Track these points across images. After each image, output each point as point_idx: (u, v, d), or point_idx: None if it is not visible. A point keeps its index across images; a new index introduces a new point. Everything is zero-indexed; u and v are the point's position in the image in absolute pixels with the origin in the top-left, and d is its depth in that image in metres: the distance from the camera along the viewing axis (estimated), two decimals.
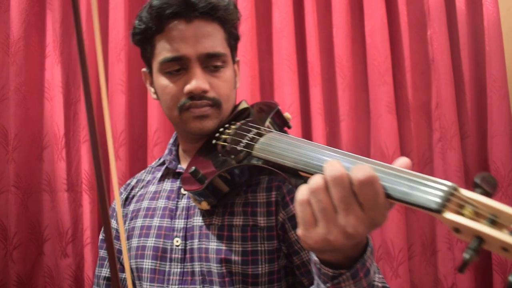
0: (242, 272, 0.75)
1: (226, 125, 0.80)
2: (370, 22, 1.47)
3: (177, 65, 0.80)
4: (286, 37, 1.46)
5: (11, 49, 1.49)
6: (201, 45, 0.79)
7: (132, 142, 1.51)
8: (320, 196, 0.47)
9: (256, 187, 0.80)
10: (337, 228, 0.46)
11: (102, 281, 0.90)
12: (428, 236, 1.47)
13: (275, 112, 0.80)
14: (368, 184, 0.44)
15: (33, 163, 1.50)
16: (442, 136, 1.45)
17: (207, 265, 0.77)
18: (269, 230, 0.77)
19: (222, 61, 0.82)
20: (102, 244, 0.94)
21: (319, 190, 0.47)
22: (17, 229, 1.43)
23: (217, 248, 0.77)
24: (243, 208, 0.79)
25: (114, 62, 1.48)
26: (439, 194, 0.42)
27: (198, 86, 0.78)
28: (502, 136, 1.39)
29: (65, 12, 1.54)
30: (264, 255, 0.76)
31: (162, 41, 0.80)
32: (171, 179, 0.90)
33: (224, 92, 0.82)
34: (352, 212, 0.46)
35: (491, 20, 1.43)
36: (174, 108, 0.81)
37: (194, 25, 0.79)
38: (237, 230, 0.77)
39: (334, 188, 0.46)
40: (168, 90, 0.81)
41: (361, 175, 0.44)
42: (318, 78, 1.45)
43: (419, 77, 1.51)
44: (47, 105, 1.53)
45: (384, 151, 1.41)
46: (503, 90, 1.40)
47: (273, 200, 0.78)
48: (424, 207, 0.42)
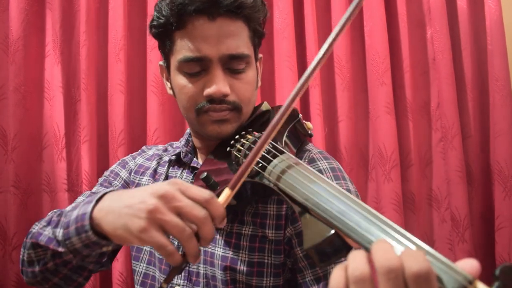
0: (246, 282, 0.73)
1: (243, 132, 0.75)
2: (370, 22, 1.46)
3: (197, 66, 0.75)
4: (287, 38, 1.45)
5: (10, 49, 1.48)
6: (224, 46, 0.73)
7: (131, 142, 1.50)
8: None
9: (267, 198, 0.76)
10: None
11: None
12: (428, 236, 1.45)
13: (293, 125, 0.75)
14: (425, 278, 0.36)
15: (32, 163, 1.50)
16: (443, 136, 1.44)
17: (212, 269, 0.76)
18: (277, 244, 0.74)
19: (245, 63, 0.77)
20: (103, 182, 0.91)
21: (364, 281, 0.37)
22: (16, 230, 1.42)
23: (223, 255, 0.75)
24: (253, 218, 0.76)
25: (113, 62, 1.47)
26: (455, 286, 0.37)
27: (218, 90, 0.73)
28: (506, 135, 1.38)
29: (65, 11, 1.54)
30: (271, 268, 0.73)
31: (182, 38, 0.75)
32: (186, 170, 0.87)
33: (245, 95, 0.78)
34: None
35: (493, 19, 1.42)
36: (191, 110, 0.77)
37: (217, 24, 0.73)
38: (246, 240, 0.75)
39: (386, 282, 0.36)
40: (185, 91, 0.76)
41: (416, 268, 0.36)
42: (317, 79, 1.45)
43: (420, 76, 1.50)
44: (47, 105, 1.52)
45: (383, 151, 1.40)
46: (506, 89, 1.39)
47: (283, 213, 0.75)
48: None
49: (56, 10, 1.52)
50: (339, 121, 1.46)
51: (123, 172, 0.92)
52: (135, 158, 0.94)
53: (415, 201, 1.46)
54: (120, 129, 1.44)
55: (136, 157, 0.95)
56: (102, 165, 1.49)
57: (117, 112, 1.45)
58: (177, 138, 1.51)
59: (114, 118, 1.45)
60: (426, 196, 1.47)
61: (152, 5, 1.47)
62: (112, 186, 0.89)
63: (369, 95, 1.47)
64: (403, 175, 1.45)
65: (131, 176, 0.91)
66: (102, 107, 1.51)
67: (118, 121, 1.44)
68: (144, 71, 1.50)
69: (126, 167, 0.93)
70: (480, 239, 1.44)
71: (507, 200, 1.35)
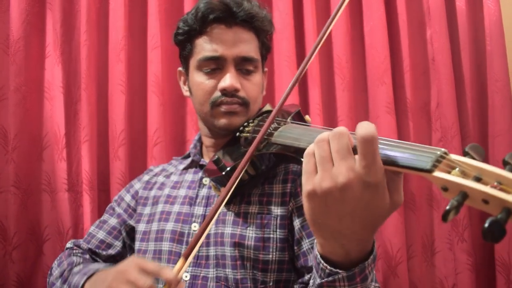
0: (254, 257, 0.80)
1: (250, 120, 0.89)
2: (369, 22, 1.47)
3: (214, 64, 0.88)
4: (287, 39, 1.46)
5: (10, 49, 1.48)
6: (238, 49, 0.88)
7: (132, 142, 1.50)
8: (322, 146, 0.51)
9: (273, 179, 0.87)
10: (330, 176, 0.49)
11: (95, 241, 1.00)
12: (428, 236, 1.46)
13: (295, 113, 0.86)
14: (369, 139, 0.47)
15: (33, 163, 1.50)
16: (442, 136, 1.44)
17: (222, 249, 0.83)
18: (282, 219, 0.83)
19: (254, 66, 0.91)
20: (108, 210, 1.05)
21: (323, 141, 0.51)
22: (16, 229, 1.42)
23: (232, 232, 0.83)
24: (259, 198, 0.85)
25: (114, 62, 1.48)
26: (431, 157, 0.46)
27: (231, 84, 0.86)
28: (505, 135, 1.38)
29: (66, 11, 1.54)
30: (276, 242, 0.81)
31: (202, 41, 0.89)
32: (193, 169, 0.99)
33: (253, 94, 0.91)
34: (346, 163, 0.49)
35: (493, 19, 1.42)
36: (206, 103, 0.90)
37: (233, 31, 0.88)
38: (253, 217, 0.83)
39: (333, 141, 0.50)
40: (202, 86, 0.89)
41: (363, 131, 0.47)
42: (317, 79, 1.45)
43: (420, 77, 1.51)
44: (47, 105, 1.52)
45: None
46: (506, 90, 1.40)
47: (288, 191, 0.85)
48: (417, 168, 0.46)
49: (57, 11, 1.53)
50: (339, 121, 1.47)
51: (127, 196, 1.05)
52: (140, 179, 1.07)
53: (415, 200, 1.46)
54: (120, 129, 1.45)
55: (142, 177, 1.08)
56: (102, 165, 1.49)
57: (118, 112, 1.45)
58: (177, 138, 1.52)
59: (114, 118, 1.45)
60: (426, 196, 1.48)
61: (153, 5, 1.48)
62: (114, 212, 1.03)
63: (369, 95, 1.48)
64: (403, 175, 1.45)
65: (138, 194, 1.03)
66: (102, 107, 1.52)
67: (119, 121, 1.45)
68: (144, 72, 1.51)
69: (130, 190, 1.05)
70: (480, 239, 1.44)
71: None
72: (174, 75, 1.53)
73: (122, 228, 0.99)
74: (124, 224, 1.00)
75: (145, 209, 0.97)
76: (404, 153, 0.48)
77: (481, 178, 0.43)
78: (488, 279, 1.41)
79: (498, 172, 0.42)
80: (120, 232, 0.99)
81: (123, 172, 1.42)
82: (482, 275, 1.42)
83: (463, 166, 0.44)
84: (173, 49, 1.58)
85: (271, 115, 0.68)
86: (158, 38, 1.47)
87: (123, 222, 1.00)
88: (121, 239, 0.99)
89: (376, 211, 0.50)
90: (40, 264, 1.46)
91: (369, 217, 0.50)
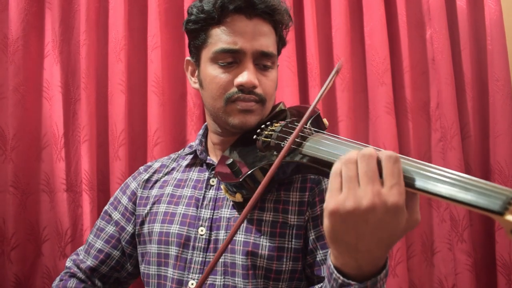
0: (267, 267, 0.76)
1: (268, 123, 0.83)
2: (370, 22, 1.47)
3: (231, 57, 0.81)
4: (287, 38, 1.45)
5: (9, 49, 1.48)
6: (258, 42, 0.82)
7: (132, 142, 1.50)
8: (350, 166, 0.52)
9: (290, 186, 0.82)
10: (355, 197, 0.50)
11: (94, 251, 0.93)
12: (428, 236, 1.46)
13: (315, 117, 0.82)
14: (394, 160, 0.50)
15: (31, 163, 1.49)
16: (442, 136, 1.44)
17: (232, 256, 0.78)
18: (298, 228, 0.79)
19: (272, 62, 0.85)
20: (104, 215, 0.97)
21: (350, 161, 0.52)
22: (15, 230, 1.42)
23: (244, 240, 0.78)
24: (275, 204, 0.80)
25: (114, 62, 1.47)
26: (502, 198, 0.45)
27: (250, 80, 0.80)
28: (506, 135, 1.38)
29: (65, 11, 1.53)
30: (290, 252, 0.77)
31: (219, 32, 0.82)
32: (198, 167, 0.92)
33: (269, 91, 0.85)
34: (371, 186, 0.50)
35: (493, 19, 1.42)
36: (220, 99, 0.83)
37: (253, 22, 0.82)
38: (267, 225, 0.78)
39: (361, 162, 0.51)
40: (217, 80, 0.82)
41: (389, 152, 0.51)
42: (317, 79, 1.45)
43: (419, 77, 1.51)
44: (46, 104, 1.52)
45: None
46: (506, 89, 1.40)
47: (306, 200, 0.81)
48: (486, 209, 0.45)
49: (56, 10, 1.52)
50: (339, 121, 1.46)
51: (124, 198, 0.96)
52: (135, 179, 0.98)
53: None
54: (121, 129, 1.44)
55: (140, 174, 0.99)
56: (101, 165, 1.49)
57: (118, 111, 1.45)
58: (177, 138, 1.52)
59: (114, 118, 1.45)
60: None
61: (153, 5, 1.48)
62: (112, 219, 0.95)
63: (369, 95, 1.48)
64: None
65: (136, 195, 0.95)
66: (102, 107, 1.51)
67: (119, 120, 1.44)
68: (144, 71, 1.50)
69: (127, 192, 0.97)
70: (480, 239, 1.44)
71: None
72: (174, 75, 1.53)
73: (122, 237, 0.93)
74: (123, 232, 0.93)
75: (146, 209, 0.91)
76: (470, 192, 0.47)
77: None
78: (488, 280, 1.41)
79: None
80: (119, 241, 0.93)
81: (123, 172, 1.42)
82: (483, 276, 1.42)
83: None
84: (173, 49, 1.59)
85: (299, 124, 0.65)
86: (158, 38, 1.46)
87: (121, 230, 0.93)
88: (120, 248, 0.93)
89: (393, 232, 0.51)
90: (38, 265, 1.46)
91: (386, 236, 0.52)
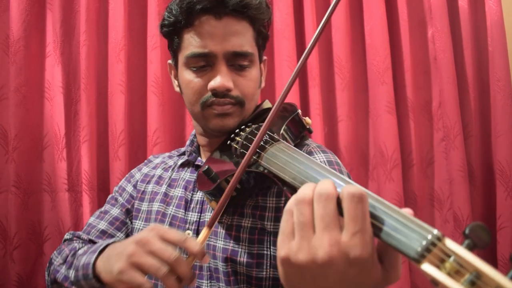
0: (247, 273, 0.75)
1: (243, 127, 0.80)
2: (370, 22, 1.46)
3: (203, 61, 0.79)
4: (287, 38, 1.45)
5: (11, 49, 1.48)
6: (229, 43, 0.78)
7: (131, 142, 1.50)
8: (303, 209, 0.43)
9: (267, 191, 0.79)
10: (309, 249, 0.42)
11: (96, 231, 0.93)
12: None
13: (291, 119, 0.78)
14: (358, 199, 0.41)
15: (33, 163, 1.50)
16: (445, 135, 1.43)
17: (214, 262, 0.77)
18: (276, 235, 0.75)
19: (249, 61, 0.81)
20: (109, 200, 0.98)
21: (303, 201, 0.44)
22: (17, 229, 1.42)
23: (224, 247, 0.77)
24: (253, 210, 0.78)
25: (113, 62, 1.48)
26: (421, 242, 0.38)
27: (222, 84, 0.77)
28: (507, 135, 1.37)
29: (65, 11, 1.54)
30: (270, 259, 0.75)
31: (190, 35, 0.80)
32: (190, 168, 0.91)
33: (248, 91, 0.81)
34: (329, 234, 0.41)
35: (494, 19, 1.41)
36: (196, 104, 0.81)
37: (223, 22, 0.78)
38: (245, 232, 0.76)
39: (317, 204, 0.43)
40: (192, 85, 0.81)
41: (353, 189, 0.41)
42: (317, 79, 1.44)
43: (421, 76, 1.49)
44: (47, 105, 1.52)
45: (384, 151, 1.40)
46: (507, 89, 1.38)
47: (282, 205, 0.77)
48: (403, 252, 0.39)
49: (56, 11, 1.52)
50: (338, 121, 1.46)
51: (129, 186, 0.98)
52: (140, 170, 1.00)
53: (417, 201, 1.45)
54: (120, 129, 1.44)
55: (142, 168, 1.01)
56: (102, 165, 1.49)
57: (118, 112, 1.45)
58: (177, 138, 1.52)
59: (114, 118, 1.45)
60: (428, 196, 1.47)
61: (152, 5, 1.48)
62: (117, 202, 0.97)
63: (369, 94, 1.47)
64: (405, 175, 1.44)
65: (137, 186, 0.96)
66: (102, 107, 1.51)
67: (119, 121, 1.45)
68: (144, 72, 1.50)
69: (131, 181, 0.99)
70: None
71: (509, 200, 1.34)
72: None
73: (127, 219, 0.93)
74: (128, 215, 0.94)
75: (142, 205, 0.92)
76: (394, 227, 0.40)
77: (477, 283, 0.35)
78: None
79: (498, 280, 0.34)
80: (123, 223, 0.93)
81: (123, 172, 1.42)
82: None
83: (459, 261, 0.37)
84: None
85: (260, 131, 0.59)
86: (158, 38, 1.46)
87: (127, 212, 0.94)
88: (124, 231, 0.92)
89: (364, 286, 0.43)
90: (40, 264, 1.47)
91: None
